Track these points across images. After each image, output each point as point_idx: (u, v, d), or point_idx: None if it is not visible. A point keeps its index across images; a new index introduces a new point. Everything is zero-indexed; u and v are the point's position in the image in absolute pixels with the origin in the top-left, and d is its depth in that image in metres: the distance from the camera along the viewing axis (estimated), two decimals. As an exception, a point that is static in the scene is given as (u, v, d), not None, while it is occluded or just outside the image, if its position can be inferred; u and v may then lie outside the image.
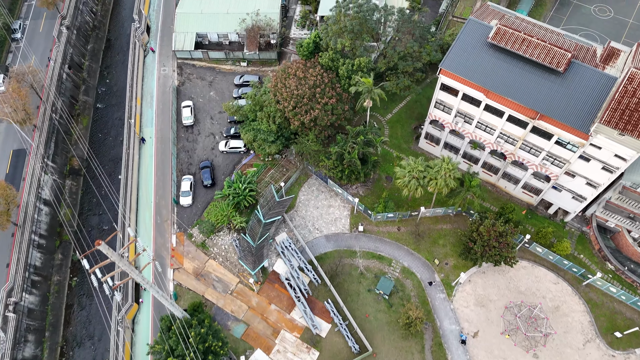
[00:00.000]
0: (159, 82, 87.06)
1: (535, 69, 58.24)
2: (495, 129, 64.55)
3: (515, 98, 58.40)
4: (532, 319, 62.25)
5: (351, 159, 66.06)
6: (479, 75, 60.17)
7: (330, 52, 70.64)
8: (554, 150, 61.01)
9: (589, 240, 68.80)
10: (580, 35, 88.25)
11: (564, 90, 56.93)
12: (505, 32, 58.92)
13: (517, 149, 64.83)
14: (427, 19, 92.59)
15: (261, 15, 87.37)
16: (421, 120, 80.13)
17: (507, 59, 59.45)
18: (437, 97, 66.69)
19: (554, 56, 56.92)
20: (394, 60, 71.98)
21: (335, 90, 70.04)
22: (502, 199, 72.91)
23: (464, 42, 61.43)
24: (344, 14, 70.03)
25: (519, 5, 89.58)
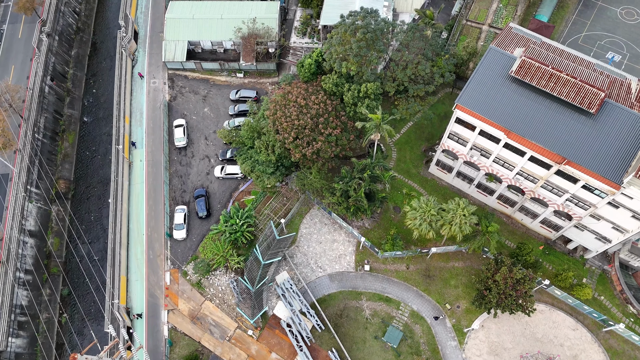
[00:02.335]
0: (148, 96, 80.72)
1: (564, 109, 52.34)
2: (515, 167, 59.12)
3: (540, 141, 52.73)
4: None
5: (357, 197, 60.95)
6: (499, 113, 54.27)
7: (334, 77, 64.27)
8: (579, 194, 55.84)
9: (610, 280, 64.59)
10: (605, 42, 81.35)
11: (595, 133, 51.24)
12: (530, 65, 52.60)
13: (538, 187, 59.63)
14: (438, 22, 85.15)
15: (258, 22, 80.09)
16: (432, 142, 74.46)
17: (531, 96, 53.40)
18: (451, 129, 60.90)
19: (585, 95, 50.91)
20: (404, 84, 65.69)
21: (339, 119, 64.12)
22: (518, 232, 68.25)
23: (484, 74, 55.17)
24: (350, 33, 63.16)
25: (539, 10, 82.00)
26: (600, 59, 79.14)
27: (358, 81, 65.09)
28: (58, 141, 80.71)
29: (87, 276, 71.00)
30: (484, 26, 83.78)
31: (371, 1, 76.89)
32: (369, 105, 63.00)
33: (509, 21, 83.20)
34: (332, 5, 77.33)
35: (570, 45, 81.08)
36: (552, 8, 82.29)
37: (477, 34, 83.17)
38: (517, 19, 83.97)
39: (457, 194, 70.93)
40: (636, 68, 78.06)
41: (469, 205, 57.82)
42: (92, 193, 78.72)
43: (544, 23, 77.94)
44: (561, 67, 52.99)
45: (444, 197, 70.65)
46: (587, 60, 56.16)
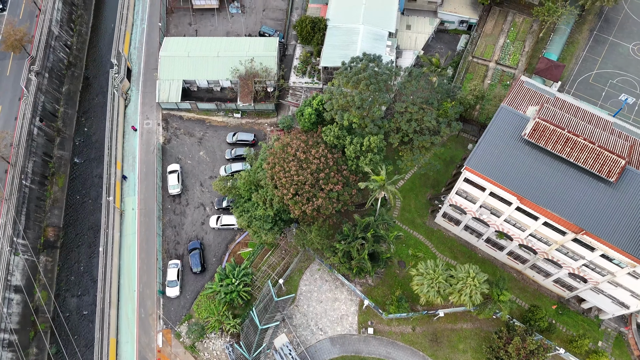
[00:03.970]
0: (142, 138, 77.33)
1: (581, 175, 48.96)
2: (528, 229, 55.73)
3: (556, 209, 49.37)
4: None
5: (360, 259, 57.51)
6: (511, 178, 50.92)
7: (335, 129, 60.82)
8: (596, 261, 52.42)
9: (627, 344, 61.14)
10: (617, 81, 77.98)
11: (616, 203, 47.86)
12: (545, 128, 49.22)
13: (552, 250, 56.22)
14: (443, 59, 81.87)
15: (256, 61, 76.80)
16: (437, 189, 71.09)
17: (546, 160, 50.03)
18: (459, 187, 57.54)
19: (605, 162, 47.52)
20: (409, 135, 62.32)
21: (341, 174, 60.66)
22: (529, 289, 64.80)
23: (495, 135, 51.84)
24: (352, 84, 59.77)
25: (548, 47, 78.64)
26: (612, 99, 75.98)
27: (360, 133, 61.68)
28: (47, 185, 77.29)
29: (75, 333, 67.58)
30: (491, 63, 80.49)
31: (373, 41, 73.67)
32: (372, 160, 59.60)
33: (518, 58, 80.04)
34: (333, 45, 74.05)
35: (580, 84, 77.85)
36: (562, 45, 78.96)
37: (484, 72, 79.88)
38: (524, 55, 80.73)
39: (464, 247, 67.66)
40: (651, 110, 74.84)
41: (480, 273, 54.39)
42: (82, 241, 75.27)
43: (554, 62, 74.62)
44: (577, 130, 49.60)
45: (450, 250, 67.41)
46: (604, 119, 52.78)
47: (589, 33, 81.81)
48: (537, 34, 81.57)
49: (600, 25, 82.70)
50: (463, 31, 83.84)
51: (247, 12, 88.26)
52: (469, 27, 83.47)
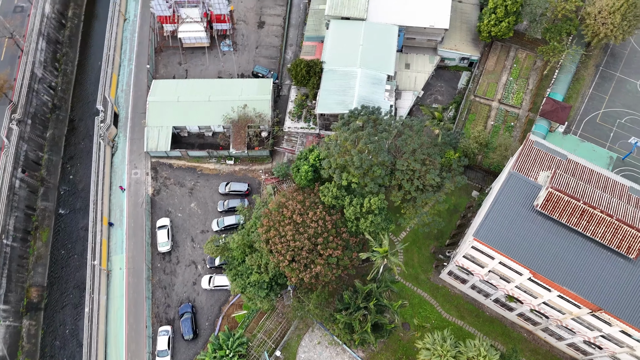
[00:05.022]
0: (129, 190, 73.57)
1: (599, 250, 45.51)
2: (540, 297, 52.28)
3: (570, 286, 46.01)
4: None
5: (363, 332, 53.88)
6: (522, 250, 47.55)
7: (333, 189, 57.22)
8: (615, 335, 48.95)
9: (646, 411, 57.57)
10: (625, 120, 74.69)
11: (636, 281, 44.39)
12: (558, 199, 45.79)
13: (567, 319, 52.75)
14: (445, 98, 78.57)
15: (249, 106, 73.29)
16: (442, 242, 67.60)
17: (560, 232, 46.63)
18: (466, 252, 54.06)
19: (624, 238, 44.13)
20: (411, 193, 58.81)
21: (340, 237, 57.07)
22: (541, 351, 61.28)
23: (504, 204, 48.41)
24: (350, 143, 56.21)
25: (554, 87, 75.27)
26: (621, 140, 72.69)
27: (360, 192, 58.14)
28: (30, 241, 73.42)
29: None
30: (494, 102, 77.16)
31: (371, 85, 70.25)
32: (373, 222, 56.03)
33: (521, 97, 76.72)
34: (329, 90, 70.56)
35: (587, 124, 74.54)
36: (567, 85, 75.65)
37: (487, 112, 76.51)
38: (528, 94, 77.43)
39: (471, 304, 64.12)
40: (662, 152, 71.55)
41: (491, 350, 50.87)
42: (67, 300, 71.39)
43: (560, 103, 71.31)
44: (593, 200, 46.17)
45: (457, 309, 63.87)
46: (620, 183, 49.36)
47: (594, 69, 78.61)
48: (541, 70, 78.35)
49: (607, 60, 79.54)
50: (464, 68, 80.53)
51: (239, 49, 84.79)
52: (470, 64, 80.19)
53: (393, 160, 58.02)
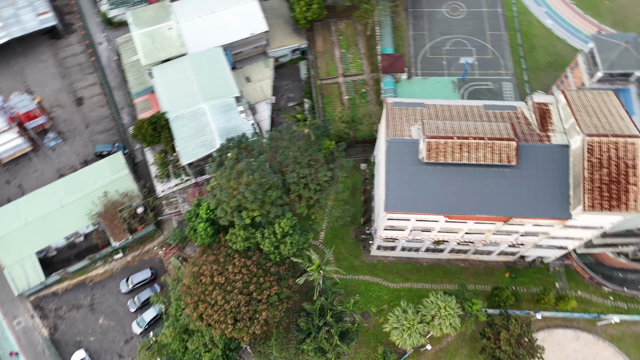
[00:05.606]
0: (21, 345, 62.37)
1: (489, 170, 49.63)
2: (461, 231, 56.11)
3: (481, 212, 49.90)
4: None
5: (334, 347, 52.91)
6: (430, 202, 50.19)
7: (239, 232, 54.39)
8: (530, 230, 54.56)
9: (576, 271, 65.97)
10: (449, 45, 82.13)
11: (527, 182, 49.51)
12: (437, 145, 48.80)
13: (488, 237, 57.50)
14: (296, 94, 79.05)
15: (110, 190, 66.14)
16: (357, 223, 68.91)
17: (453, 171, 49.85)
18: (385, 225, 55.59)
19: (501, 151, 48.71)
20: (313, 198, 58.49)
21: (269, 273, 54.83)
22: (480, 270, 66.41)
23: (396, 172, 50.26)
24: (234, 181, 53.60)
25: (382, 43, 79.67)
26: (454, 63, 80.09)
27: (267, 221, 56.13)
28: None
29: None
30: (339, 78, 79.64)
31: (225, 114, 67.54)
32: (293, 243, 54.62)
33: (360, 63, 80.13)
34: (186, 137, 66.38)
35: (422, 62, 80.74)
36: (391, 36, 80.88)
37: (338, 90, 78.78)
38: (364, 58, 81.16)
39: (409, 264, 66.83)
40: (486, 59, 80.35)
41: (447, 298, 53.58)
42: None
43: (394, 55, 76.21)
44: (462, 130, 49.98)
45: (399, 274, 66.13)
46: (477, 106, 54.23)
47: (405, 13, 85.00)
48: (364, 33, 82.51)
49: (412, 1, 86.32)
50: (300, 58, 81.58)
51: (68, 137, 75.52)
52: (303, 53, 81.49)
53: (282, 176, 56.84)
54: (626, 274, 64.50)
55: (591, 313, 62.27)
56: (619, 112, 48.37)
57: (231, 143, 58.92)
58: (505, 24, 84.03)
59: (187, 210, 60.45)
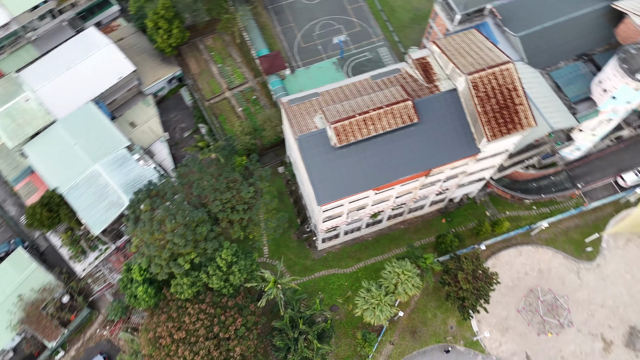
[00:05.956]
0: None
1: (398, 135, 51.61)
2: (391, 198, 58.15)
3: (402, 174, 52.05)
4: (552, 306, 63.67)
5: (318, 351, 52.54)
6: (356, 182, 51.23)
7: (183, 280, 51.44)
8: (450, 174, 58.02)
9: (499, 196, 71.58)
10: (319, 31, 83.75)
11: (433, 132, 52.27)
12: (344, 127, 49.66)
13: (416, 194, 60.24)
14: (188, 123, 76.00)
15: (24, 292, 59.21)
16: (296, 224, 68.63)
17: (367, 146, 51.15)
18: (322, 217, 55.89)
19: (402, 113, 50.85)
20: (244, 218, 56.99)
21: (228, 308, 52.70)
22: (419, 225, 69.59)
23: (315, 165, 50.50)
24: (158, 232, 50.39)
25: (255, 46, 78.85)
26: (329, 45, 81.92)
27: (207, 258, 53.67)
28: None
29: None
30: (226, 93, 77.88)
31: (121, 168, 62.84)
32: (240, 270, 52.87)
33: (240, 73, 78.85)
34: (88, 206, 60.89)
35: (301, 53, 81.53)
36: (261, 37, 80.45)
37: (228, 104, 77.00)
38: (243, 66, 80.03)
39: (356, 244, 68.14)
40: (356, 32, 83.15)
41: (401, 262, 55.46)
42: None
43: (270, 55, 75.94)
44: (360, 107, 51.26)
45: (350, 258, 67.29)
46: (363, 79, 55.96)
47: (266, 11, 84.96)
48: (234, 42, 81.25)
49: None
50: (179, 86, 78.35)
51: (-49, 252, 65.91)
52: (180, 80, 78.36)
53: (206, 209, 54.55)
54: (539, 182, 71.36)
55: (523, 227, 68.08)
56: (486, 46, 52.58)
57: (140, 195, 55.27)
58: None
59: (119, 279, 56.02)
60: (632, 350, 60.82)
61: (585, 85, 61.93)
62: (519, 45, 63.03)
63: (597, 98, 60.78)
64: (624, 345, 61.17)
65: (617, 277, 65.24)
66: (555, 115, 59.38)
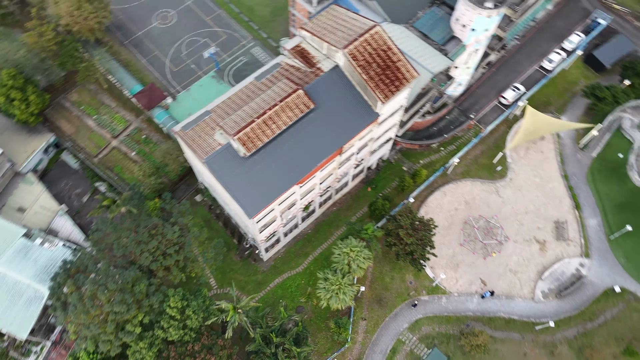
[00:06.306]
0: None
1: (301, 125, 51.85)
2: (316, 185, 58.78)
3: (318, 160, 52.72)
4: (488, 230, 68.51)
5: (299, 355, 52.09)
6: (278, 184, 50.93)
7: (140, 346, 47.80)
8: (360, 144, 59.89)
9: (408, 149, 75.32)
10: (186, 49, 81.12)
11: (332, 112, 53.23)
12: (248, 135, 48.81)
13: (337, 174, 61.48)
14: (82, 187, 70.16)
15: None
16: (233, 245, 66.86)
17: (276, 145, 50.81)
18: (257, 228, 54.97)
19: (297, 105, 51.13)
20: (180, 261, 54.25)
21: (196, 352, 50.05)
22: (351, 202, 71.18)
23: (232, 181, 49.26)
24: (92, 308, 46.14)
25: (126, 85, 74.56)
26: (202, 62, 79.75)
27: (155, 313, 50.28)
28: None
29: None
30: (113, 142, 72.84)
31: (25, 257, 56.67)
32: (195, 311, 50.43)
33: (119, 117, 74.16)
34: (5, 310, 54.11)
35: (177, 77, 78.40)
36: (127, 74, 76.05)
37: (120, 153, 72.11)
38: (121, 110, 75.25)
39: (300, 241, 68.14)
40: (223, 40, 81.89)
41: (346, 240, 56.65)
42: None
43: (145, 89, 72.28)
44: (256, 110, 50.72)
45: (298, 256, 67.20)
46: (250, 82, 55.42)
47: (124, 47, 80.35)
48: (101, 88, 75.90)
49: (121, 34, 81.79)
50: (59, 151, 71.90)
51: None
52: (57, 145, 71.91)
53: (136, 265, 50.98)
54: (438, 125, 76.22)
55: (438, 169, 72.41)
56: (350, 17, 54.44)
57: (59, 278, 50.31)
58: (215, 3, 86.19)
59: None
60: (562, 241, 67.89)
61: (446, 26, 66.90)
62: (378, 8, 66.29)
63: (460, 34, 65.96)
64: (555, 239, 68.09)
65: (529, 184, 72.13)
66: (431, 61, 63.60)
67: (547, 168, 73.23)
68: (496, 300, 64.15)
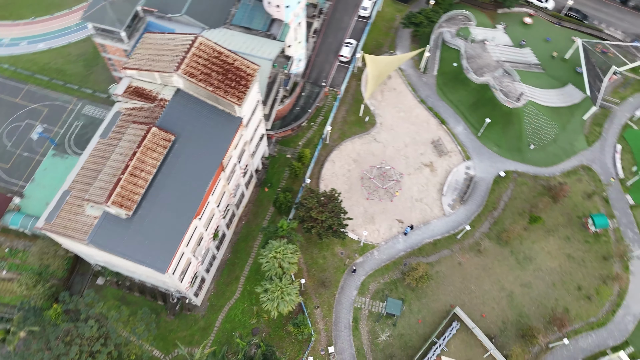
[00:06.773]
0: None
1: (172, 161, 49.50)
2: (215, 210, 57.02)
3: (203, 187, 51.04)
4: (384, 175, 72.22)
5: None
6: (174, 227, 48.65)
7: None
8: (238, 153, 59.17)
9: (284, 137, 76.13)
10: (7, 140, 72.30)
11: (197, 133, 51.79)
12: (120, 195, 45.34)
13: (229, 188, 60.23)
14: None
15: None
16: (160, 307, 62.69)
17: (155, 192, 48.07)
18: (176, 278, 51.99)
19: (156, 142, 48.66)
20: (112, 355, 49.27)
21: None
22: (254, 211, 70.35)
23: (128, 247, 45.92)
24: None
25: None
26: (35, 144, 71.88)
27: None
28: None
29: None
30: None
31: None
32: None
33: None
34: None
35: (12, 173, 70.03)
36: None
37: None
38: None
39: (223, 269, 65.92)
40: (49, 113, 74.21)
41: (268, 245, 56.21)
42: None
43: None
44: (117, 167, 47.18)
45: (230, 283, 65.12)
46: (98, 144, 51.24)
47: None
48: None
49: None
50: None
51: None
52: None
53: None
54: (298, 104, 77.64)
55: (318, 143, 74.34)
56: (168, 38, 52.68)
57: None
58: (18, 80, 77.49)
59: None
60: (445, 156, 74.37)
61: (263, 12, 68.09)
62: (191, 20, 65.24)
63: (278, 15, 67.54)
64: (438, 157, 74.41)
65: (397, 120, 77.49)
66: (264, 49, 64.45)
67: (405, 101, 79.28)
68: (417, 231, 68.65)
